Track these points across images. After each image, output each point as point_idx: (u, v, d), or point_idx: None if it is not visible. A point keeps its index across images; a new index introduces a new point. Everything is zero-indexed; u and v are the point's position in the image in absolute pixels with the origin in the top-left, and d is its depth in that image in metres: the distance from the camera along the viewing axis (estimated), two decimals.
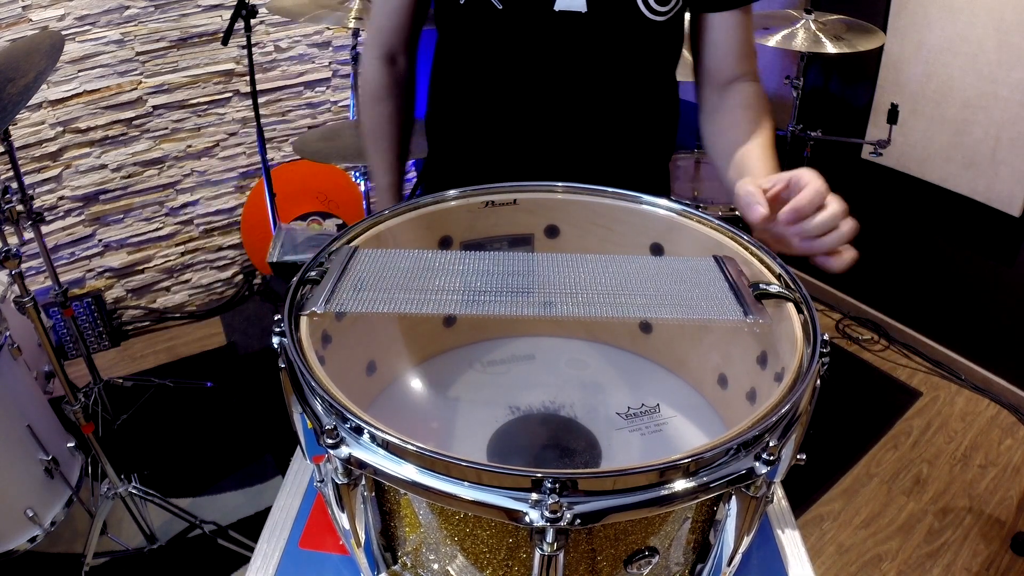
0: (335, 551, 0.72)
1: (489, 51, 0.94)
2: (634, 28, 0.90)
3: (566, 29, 0.89)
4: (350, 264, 0.68)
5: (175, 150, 2.53)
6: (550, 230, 0.85)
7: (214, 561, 1.74)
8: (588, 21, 0.88)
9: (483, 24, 0.91)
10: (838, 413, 2.23)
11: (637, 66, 0.95)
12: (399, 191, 1.14)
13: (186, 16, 2.37)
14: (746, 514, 0.52)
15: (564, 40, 0.90)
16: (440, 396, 0.80)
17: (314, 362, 0.57)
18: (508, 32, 0.91)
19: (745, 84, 0.95)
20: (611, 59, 0.92)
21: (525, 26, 0.90)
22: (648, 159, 1.07)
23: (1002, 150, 2.06)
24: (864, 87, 2.35)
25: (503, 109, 0.98)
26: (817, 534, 1.87)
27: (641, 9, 0.88)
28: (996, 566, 1.78)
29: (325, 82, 2.72)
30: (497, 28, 0.91)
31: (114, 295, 2.63)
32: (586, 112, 0.96)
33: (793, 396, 0.54)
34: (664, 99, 1.04)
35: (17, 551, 1.46)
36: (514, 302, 0.63)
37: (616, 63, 0.93)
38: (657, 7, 0.89)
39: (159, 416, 2.21)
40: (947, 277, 2.37)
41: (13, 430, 1.45)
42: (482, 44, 0.94)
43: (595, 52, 0.91)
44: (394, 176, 1.12)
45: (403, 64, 1.07)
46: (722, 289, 0.66)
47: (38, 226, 1.74)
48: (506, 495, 0.47)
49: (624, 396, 0.79)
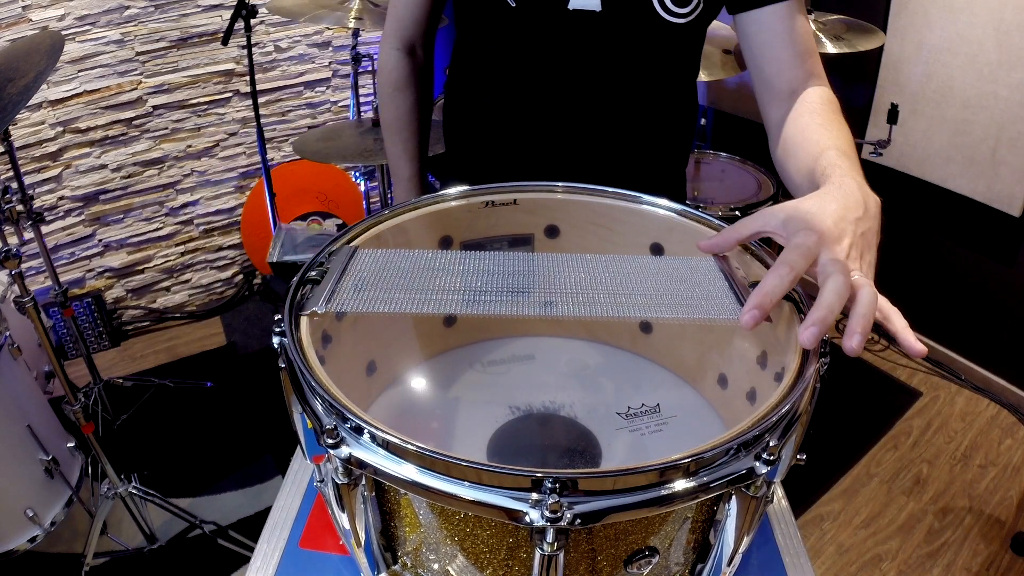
0: (335, 551, 0.72)
1: (504, 49, 0.94)
2: (649, 28, 0.88)
3: (580, 28, 0.89)
4: (350, 264, 0.68)
5: (175, 150, 2.53)
6: (550, 230, 0.85)
7: (214, 561, 1.74)
8: (602, 20, 0.88)
9: (498, 22, 0.91)
10: (838, 413, 2.23)
11: (653, 67, 0.94)
12: (421, 182, 1.14)
13: (186, 16, 2.37)
14: (746, 514, 0.52)
15: (578, 39, 0.90)
16: (440, 396, 0.80)
17: (314, 362, 0.57)
18: (522, 30, 0.91)
19: (811, 90, 0.84)
20: (625, 59, 0.91)
21: (539, 24, 0.90)
22: (664, 161, 1.06)
23: (1002, 150, 2.06)
24: (864, 87, 2.35)
25: (519, 107, 0.98)
26: (817, 534, 1.87)
27: (657, 9, 0.86)
28: (996, 566, 1.78)
29: (325, 82, 2.72)
30: (511, 26, 0.91)
31: (114, 295, 2.63)
32: (601, 111, 0.95)
33: (793, 396, 0.54)
34: (681, 103, 1.02)
35: (17, 551, 1.46)
36: (515, 302, 0.63)
37: (630, 63, 0.92)
38: (675, 8, 0.86)
39: (159, 416, 2.21)
40: (947, 277, 2.37)
41: (13, 430, 1.44)
42: (497, 42, 0.94)
43: (609, 51, 0.90)
44: (416, 166, 1.12)
45: (421, 56, 1.07)
46: (722, 289, 0.66)
47: (38, 226, 1.74)
48: (506, 495, 0.47)
49: (624, 396, 0.79)
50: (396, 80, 1.07)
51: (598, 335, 0.89)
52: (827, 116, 0.79)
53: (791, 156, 0.79)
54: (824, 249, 0.58)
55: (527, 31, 0.91)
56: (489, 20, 0.92)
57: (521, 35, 0.92)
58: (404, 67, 1.06)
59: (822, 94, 0.83)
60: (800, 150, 0.77)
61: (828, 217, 0.60)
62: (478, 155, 1.06)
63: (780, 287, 0.56)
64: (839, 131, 0.76)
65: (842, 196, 0.62)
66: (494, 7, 0.89)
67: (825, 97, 0.83)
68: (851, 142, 0.74)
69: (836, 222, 0.60)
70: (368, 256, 0.69)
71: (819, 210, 0.61)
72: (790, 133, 0.81)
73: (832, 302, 0.53)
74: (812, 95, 0.83)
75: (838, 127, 0.77)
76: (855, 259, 0.59)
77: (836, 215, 0.60)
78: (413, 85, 1.08)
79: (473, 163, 1.08)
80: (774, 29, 0.84)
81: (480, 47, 0.98)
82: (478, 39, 0.97)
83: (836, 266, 0.55)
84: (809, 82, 0.85)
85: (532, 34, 0.91)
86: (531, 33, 0.91)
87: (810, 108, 0.81)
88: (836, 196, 0.62)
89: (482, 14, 0.92)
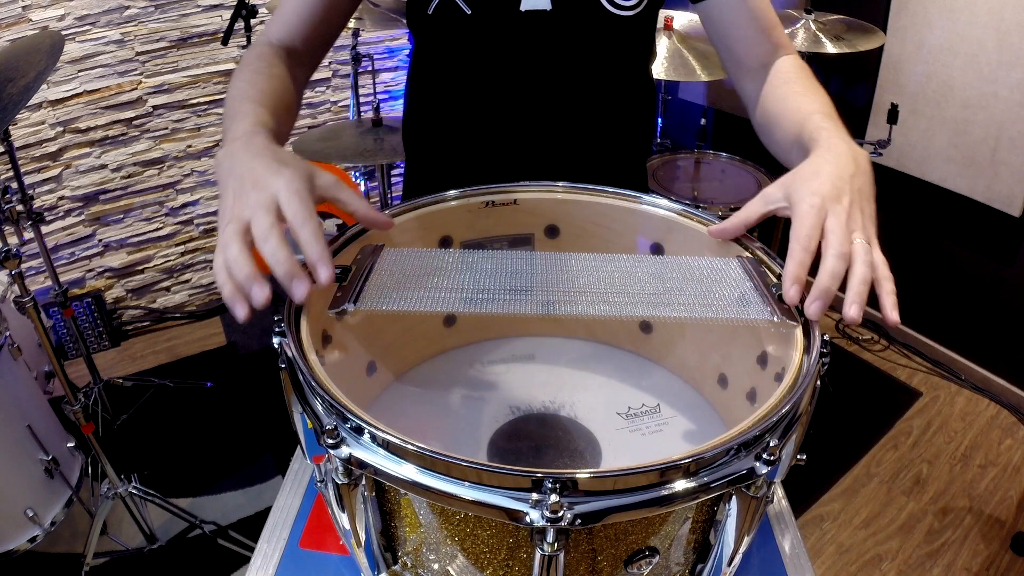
0: (335, 551, 0.72)
1: (461, 55, 0.95)
2: (599, 23, 0.90)
3: (533, 28, 0.90)
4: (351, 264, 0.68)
5: (175, 150, 2.53)
6: (550, 230, 0.85)
7: (214, 561, 1.74)
8: (553, 19, 0.89)
9: (453, 29, 0.92)
10: (838, 413, 2.23)
11: (606, 62, 0.95)
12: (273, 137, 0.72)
13: (186, 16, 2.37)
14: (746, 514, 0.52)
15: (532, 39, 0.91)
16: (440, 396, 0.80)
17: (314, 362, 0.57)
18: (478, 35, 0.92)
19: (781, 60, 0.87)
20: (579, 55, 0.93)
21: (494, 28, 0.91)
22: (624, 156, 1.07)
23: (1002, 150, 2.06)
24: (864, 87, 2.35)
25: (478, 112, 0.98)
26: (817, 534, 1.87)
27: (604, 4, 0.88)
28: (996, 566, 1.78)
29: (325, 82, 2.72)
30: (467, 32, 0.92)
31: (114, 295, 2.63)
32: (560, 110, 0.96)
33: (794, 396, 0.54)
34: (638, 95, 1.03)
35: (17, 551, 1.46)
36: (517, 300, 0.63)
37: (584, 59, 0.94)
38: (621, 1, 0.89)
39: (159, 416, 2.21)
40: (947, 277, 2.37)
41: (13, 430, 1.44)
42: (454, 49, 0.95)
43: (562, 49, 0.92)
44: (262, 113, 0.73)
45: (300, 74, 0.89)
46: (735, 285, 0.65)
47: (38, 226, 1.74)
48: (506, 495, 0.47)
49: (624, 396, 0.79)
50: (263, 54, 0.86)
51: (598, 335, 0.89)
52: (803, 83, 0.82)
53: (776, 126, 0.81)
54: (827, 210, 0.61)
55: (483, 36, 0.92)
56: (445, 27, 0.92)
57: (477, 40, 0.92)
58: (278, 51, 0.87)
59: (793, 62, 0.87)
60: (783, 119, 0.80)
61: (826, 179, 0.63)
62: (441, 161, 1.06)
63: (808, 259, 0.60)
64: (817, 95, 0.79)
65: (834, 157, 0.66)
66: (449, 15, 0.90)
67: (796, 65, 0.86)
68: (830, 104, 0.77)
69: (834, 182, 0.62)
70: (369, 255, 0.69)
71: (815, 174, 0.64)
72: (770, 104, 0.84)
73: (834, 271, 0.57)
74: (784, 64, 0.87)
75: (815, 92, 0.80)
76: (856, 216, 0.61)
77: (833, 175, 0.63)
78: (284, 64, 0.85)
79: (436, 169, 1.07)
80: (737, 9, 0.87)
81: (437, 55, 0.98)
82: (435, 46, 0.97)
83: (836, 235, 0.59)
84: (777, 53, 0.88)
85: (488, 38, 0.92)
86: (487, 37, 0.92)
87: (785, 78, 0.84)
88: (828, 159, 0.66)
89: (438, 22, 0.92)
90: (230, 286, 0.55)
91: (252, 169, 0.60)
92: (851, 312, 0.56)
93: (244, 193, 0.59)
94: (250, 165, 0.61)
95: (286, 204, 0.58)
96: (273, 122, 0.71)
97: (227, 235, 0.56)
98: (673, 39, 2.07)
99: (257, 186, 0.59)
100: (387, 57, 2.87)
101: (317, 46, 0.93)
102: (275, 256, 0.55)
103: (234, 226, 0.57)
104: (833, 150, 0.67)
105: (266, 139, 0.66)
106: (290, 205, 0.57)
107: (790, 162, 0.77)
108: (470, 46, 0.93)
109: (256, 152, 0.63)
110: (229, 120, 0.70)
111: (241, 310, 0.54)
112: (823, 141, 0.68)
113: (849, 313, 0.56)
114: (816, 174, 0.64)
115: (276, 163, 0.61)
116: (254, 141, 0.64)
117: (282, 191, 0.58)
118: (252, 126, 0.67)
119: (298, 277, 0.56)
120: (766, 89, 0.86)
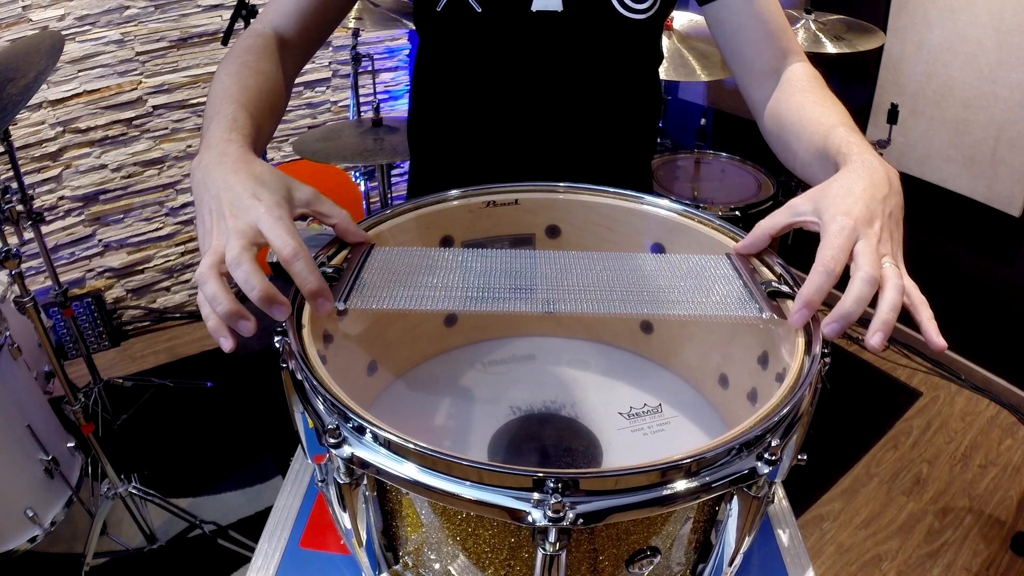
0: (336, 551, 0.72)
1: (470, 54, 0.94)
2: (610, 26, 0.90)
3: (544, 29, 0.89)
4: (353, 263, 0.68)
5: (175, 150, 2.53)
6: (551, 230, 0.85)
7: (214, 561, 1.74)
8: (564, 20, 0.89)
9: (463, 27, 0.91)
10: (838, 413, 2.23)
11: (616, 65, 0.95)
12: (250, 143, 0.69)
13: (186, 16, 2.37)
14: (747, 514, 0.52)
15: (542, 40, 0.90)
16: (441, 396, 0.80)
17: (316, 361, 0.57)
18: (487, 34, 0.91)
19: (793, 67, 0.85)
20: (589, 58, 0.93)
21: (504, 28, 0.90)
22: (629, 158, 1.06)
23: (1002, 150, 2.06)
24: (864, 87, 2.35)
25: (485, 111, 0.98)
26: (817, 534, 1.87)
27: (616, 7, 0.88)
28: (996, 566, 1.78)
29: (325, 82, 2.72)
30: (477, 30, 0.91)
31: (114, 295, 2.63)
32: (567, 112, 0.96)
33: (795, 396, 0.54)
34: (645, 99, 1.03)
35: (17, 551, 1.46)
36: (519, 299, 0.63)
37: (594, 62, 0.93)
38: (633, 5, 0.88)
39: (159, 416, 2.21)
40: (947, 277, 2.37)
41: (13, 430, 1.44)
42: (462, 47, 0.94)
43: (573, 51, 0.91)
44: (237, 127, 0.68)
45: (290, 66, 0.88)
46: (733, 285, 0.65)
47: (38, 226, 1.74)
48: (508, 495, 0.47)
49: (625, 396, 0.79)
50: (252, 46, 0.82)
51: (599, 335, 0.89)
52: (819, 93, 0.80)
53: (794, 137, 0.78)
54: (859, 234, 0.58)
55: (492, 35, 0.91)
56: (454, 25, 0.92)
57: (486, 39, 0.92)
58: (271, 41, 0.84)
59: (805, 70, 0.84)
60: (803, 130, 0.76)
61: (859, 199, 0.60)
62: (446, 159, 1.05)
63: (828, 284, 0.58)
64: (836, 107, 0.77)
65: (868, 174, 0.63)
66: (459, 13, 0.89)
67: (809, 73, 0.84)
68: (850, 116, 0.74)
69: (867, 203, 0.60)
70: (370, 254, 0.69)
71: (848, 192, 0.61)
72: (785, 113, 0.81)
73: (860, 297, 0.55)
74: (796, 72, 0.84)
75: (832, 102, 0.78)
76: (886, 241, 0.59)
77: (867, 195, 0.60)
78: (274, 60, 0.82)
79: (441, 168, 1.07)
80: (745, 11, 0.85)
81: (445, 53, 0.97)
82: (442, 45, 0.97)
83: (866, 259, 0.56)
84: (788, 59, 0.86)
85: (497, 37, 0.91)
86: (496, 37, 0.91)
87: (800, 87, 0.82)
88: (862, 175, 0.63)
89: (447, 20, 0.91)
90: (214, 320, 0.55)
91: (229, 187, 0.59)
92: (874, 341, 0.55)
93: (221, 219, 0.57)
94: (226, 182, 0.59)
95: (270, 233, 0.57)
96: (252, 126, 0.68)
97: (204, 270, 0.55)
98: (673, 39, 2.07)
99: (235, 212, 0.57)
100: (387, 57, 2.87)
101: (312, 38, 0.92)
102: (247, 283, 0.55)
103: (210, 259, 0.56)
104: (867, 166, 0.64)
105: (241, 149, 0.63)
106: (275, 235, 0.57)
107: (809, 175, 0.76)
108: (479, 45, 0.93)
109: (231, 167, 0.61)
110: (208, 120, 0.68)
111: (227, 343, 0.55)
112: (855, 156, 0.65)
113: (871, 342, 0.55)
114: (849, 192, 0.61)
115: (253, 183, 0.59)
116: (228, 151, 0.62)
117: (263, 220, 0.57)
118: (227, 132, 0.65)
119: (276, 302, 0.55)
120: (779, 96, 0.83)
